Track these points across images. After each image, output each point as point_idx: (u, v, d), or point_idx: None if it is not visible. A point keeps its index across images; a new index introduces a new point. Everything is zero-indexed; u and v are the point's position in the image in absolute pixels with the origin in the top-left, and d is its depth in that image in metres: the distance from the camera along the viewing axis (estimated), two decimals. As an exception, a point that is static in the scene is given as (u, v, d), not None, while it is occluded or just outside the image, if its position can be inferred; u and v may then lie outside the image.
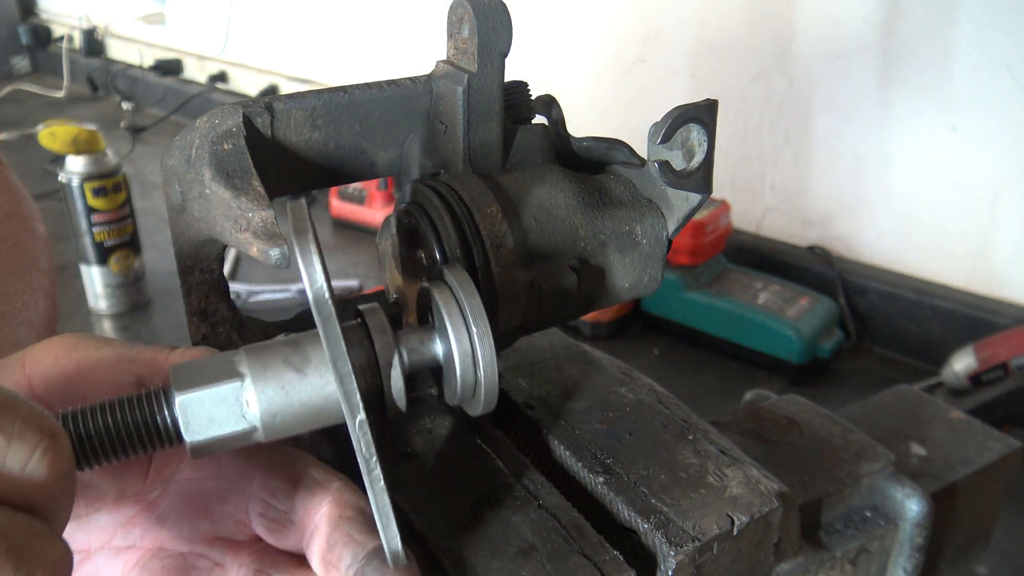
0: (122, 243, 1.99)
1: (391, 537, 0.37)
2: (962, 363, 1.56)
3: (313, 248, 0.35)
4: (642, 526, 0.48)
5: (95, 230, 1.94)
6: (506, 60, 0.48)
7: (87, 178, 1.89)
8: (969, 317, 1.76)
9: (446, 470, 0.52)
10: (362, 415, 0.36)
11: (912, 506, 0.61)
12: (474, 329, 0.40)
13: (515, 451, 0.54)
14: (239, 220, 0.41)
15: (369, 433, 0.36)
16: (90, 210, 1.92)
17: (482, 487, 0.50)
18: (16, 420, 0.32)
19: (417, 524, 0.48)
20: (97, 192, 1.91)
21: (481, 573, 0.45)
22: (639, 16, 2.17)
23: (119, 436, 0.36)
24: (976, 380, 1.55)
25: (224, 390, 0.37)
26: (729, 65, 2.04)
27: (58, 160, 2.01)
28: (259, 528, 0.43)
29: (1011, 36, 1.62)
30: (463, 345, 0.40)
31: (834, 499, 0.59)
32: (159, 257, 2.13)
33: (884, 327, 1.88)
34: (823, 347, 1.77)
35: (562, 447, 0.54)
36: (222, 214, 0.42)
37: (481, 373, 0.40)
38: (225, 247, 0.47)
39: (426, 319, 0.44)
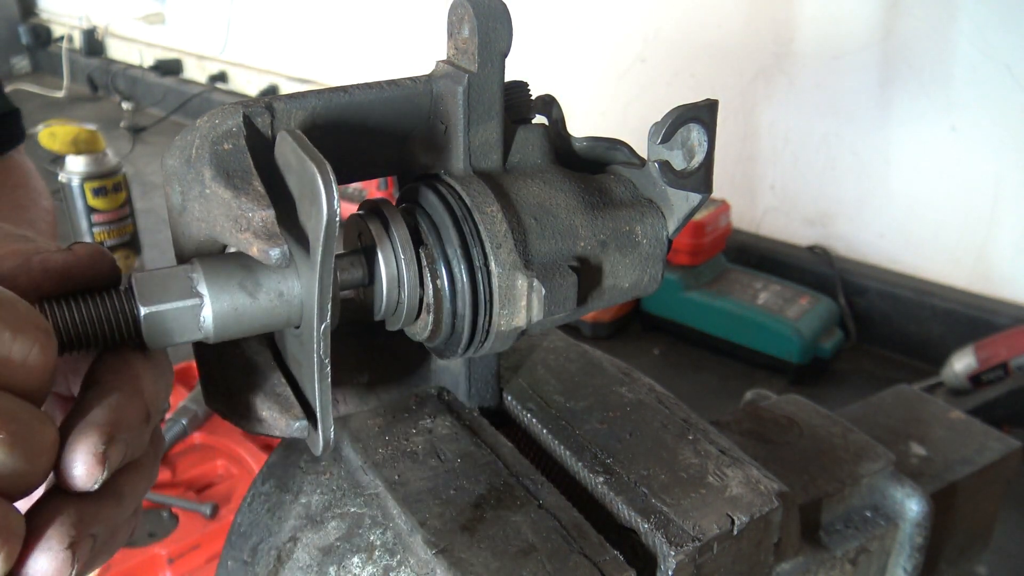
0: (122, 243, 1.99)
1: (327, 427, 0.43)
2: (962, 363, 1.56)
3: (332, 174, 0.38)
4: (642, 526, 0.48)
5: (95, 230, 1.94)
6: (506, 60, 0.48)
7: (87, 178, 1.89)
8: (969, 317, 1.76)
9: (446, 470, 0.52)
10: (327, 323, 0.41)
11: (912, 506, 0.61)
12: (401, 255, 0.46)
13: (515, 451, 0.54)
14: (239, 220, 0.41)
15: (329, 338, 0.42)
16: (90, 210, 1.92)
17: (482, 487, 0.50)
18: (19, 315, 0.36)
19: (417, 524, 0.48)
20: (97, 192, 1.91)
21: (481, 573, 0.45)
22: (639, 16, 2.17)
23: (87, 331, 0.41)
24: (976, 380, 1.55)
25: (185, 308, 0.42)
26: (729, 65, 2.04)
27: (58, 160, 2.01)
28: None
29: (1011, 36, 1.62)
30: (391, 268, 0.46)
31: (834, 499, 0.59)
32: (159, 257, 2.13)
33: (884, 327, 1.88)
34: (823, 347, 1.77)
35: (562, 447, 0.54)
36: (222, 214, 0.42)
37: (405, 294, 0.46)
38: (225, 247, 0.47)
39: (354, 243, 0.49)
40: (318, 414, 0.43)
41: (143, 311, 0.41)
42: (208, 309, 0.42)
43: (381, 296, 0.47)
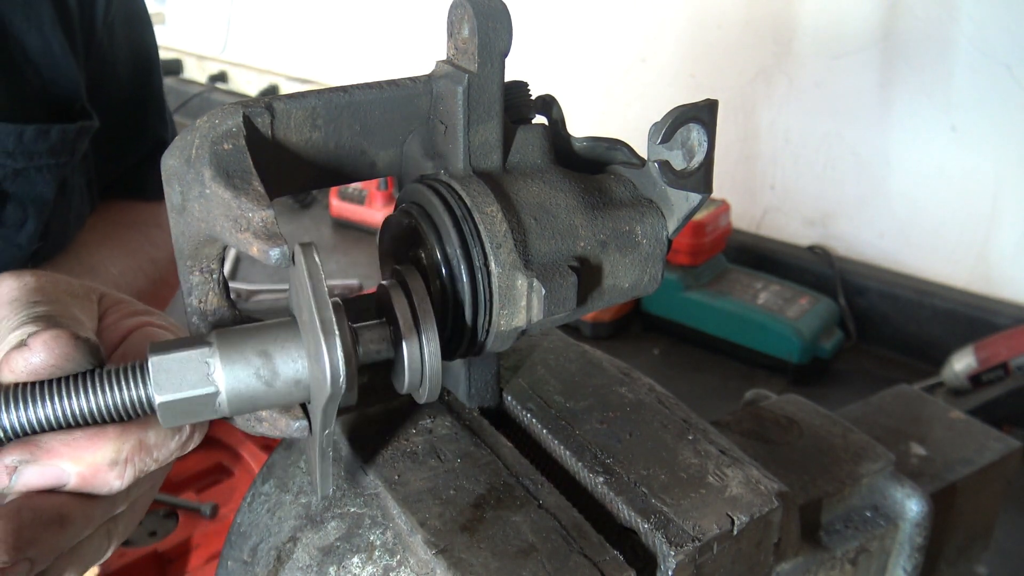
0: (122, 243, 1.99)
1: (325, 488, 0.47)
2: (962, 363, 1.56)
3: (338, 335, 0.39)
4: (642, 526, 0.48)
5: (95, 230, 1.94)
6: (506, 60, 0.48)
7: (87, 178, 1.89)
8: (969, 317, 1.76)
9: (446, 470, 0.52)
10: (330, 429, 0.43)
11: (912, 506, 0.61)
12: (423, 336, 0.45)
13: (515, 451, 0.54)
14: (239, 220, 0.41)
15: (331, 437, 0.44)
16: (90, 210, 1.91)
17: (482, 487, 0.50)
18: None
19: (417, 524, 0.48)
20: (97, 192, 1.90)
21: (481, 573, 0.45)
22: (639, 16, 2.17)
23: (106, 406, 0.42)
24: (976, 380, 1.55)
25: (200, 396, 0.42)
26: (729, 65, 2.04)
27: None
28: None
29: (1011, 36, 1.62)
30: (412, 349, 0.45)
31: (834, 499, 0.59)
32: (159, 257, 2.12)
33: (884, 327, 1.88)
34: (823, 347, 1.77)
35: (562, 447, 0.54)
36: (222, 214, 0.42)
37: (427, 371, 0.46)
38: (225, 247, 0.47)
39: (383, 313, 0.49)
40: (318, 480, 0.46)
41: (151, 359, 0.41)
42: (223, 396, 0.42)
43: (403, 376, 0.46)
